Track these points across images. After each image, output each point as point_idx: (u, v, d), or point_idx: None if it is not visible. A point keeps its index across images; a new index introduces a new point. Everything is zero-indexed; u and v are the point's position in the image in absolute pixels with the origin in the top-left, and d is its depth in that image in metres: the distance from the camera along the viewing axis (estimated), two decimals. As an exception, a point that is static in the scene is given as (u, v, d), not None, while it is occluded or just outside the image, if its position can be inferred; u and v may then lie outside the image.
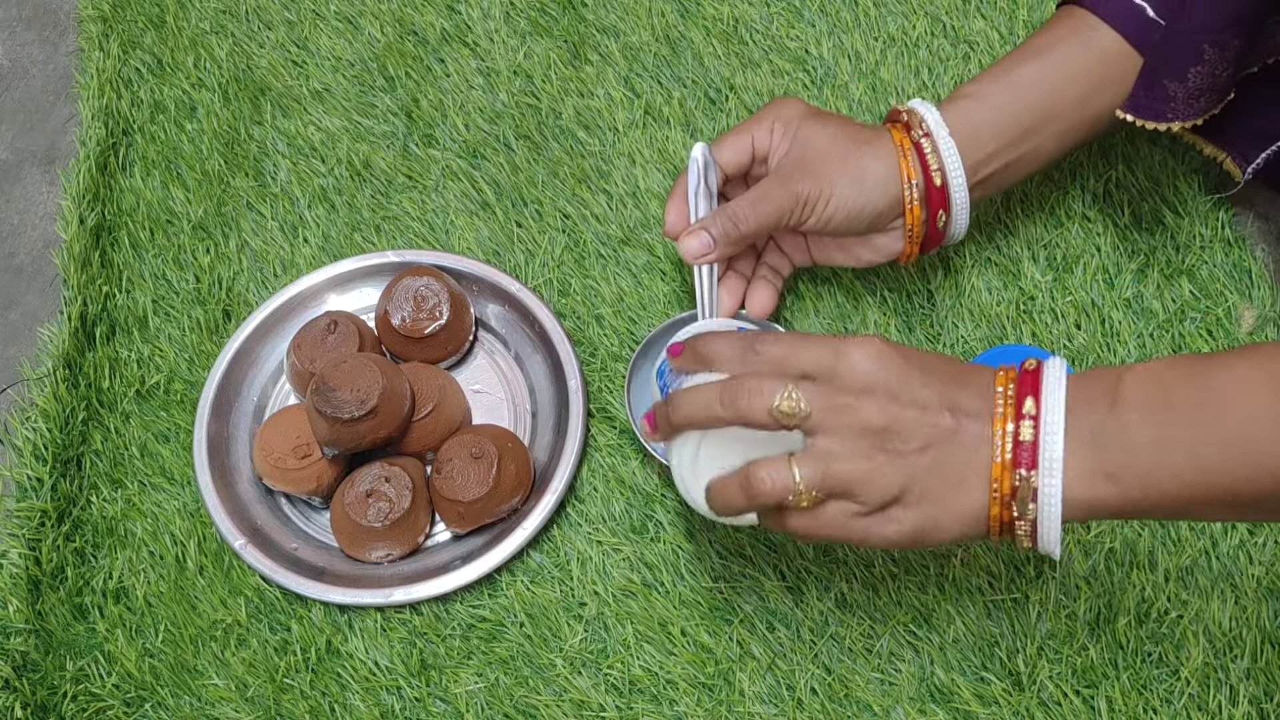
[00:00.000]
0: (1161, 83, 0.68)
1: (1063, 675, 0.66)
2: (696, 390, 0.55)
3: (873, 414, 0.52)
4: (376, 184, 0.87)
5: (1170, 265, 0.78)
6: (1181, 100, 0.68)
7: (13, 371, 0.83)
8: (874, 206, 0.68)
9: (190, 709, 0.68)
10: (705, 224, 0.68)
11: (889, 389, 0.52)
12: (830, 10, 0.92)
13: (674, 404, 0.56)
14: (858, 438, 0.52)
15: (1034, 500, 0.51)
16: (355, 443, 0.70)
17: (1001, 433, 0.52)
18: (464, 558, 0.70)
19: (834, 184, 0.67)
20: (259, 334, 0.79)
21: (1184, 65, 0.67)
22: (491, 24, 0.94)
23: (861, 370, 0.52)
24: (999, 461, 0.52)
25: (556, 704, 0.67)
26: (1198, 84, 0.67)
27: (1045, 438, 0.51)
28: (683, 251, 0.68)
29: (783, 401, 0.52)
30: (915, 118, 0.69)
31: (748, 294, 0.74)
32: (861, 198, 0.67)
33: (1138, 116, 0.69)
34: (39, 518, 0.72)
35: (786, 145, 0.69)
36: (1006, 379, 0.53)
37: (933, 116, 0.68)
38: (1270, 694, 0.64)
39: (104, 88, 0.91)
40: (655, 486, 0.73)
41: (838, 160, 0.67)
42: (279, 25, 0.95)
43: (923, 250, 0.71)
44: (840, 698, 0.66)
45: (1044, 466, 0.51)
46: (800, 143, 0.68)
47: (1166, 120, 0.69)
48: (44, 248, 0.89)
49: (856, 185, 0.67)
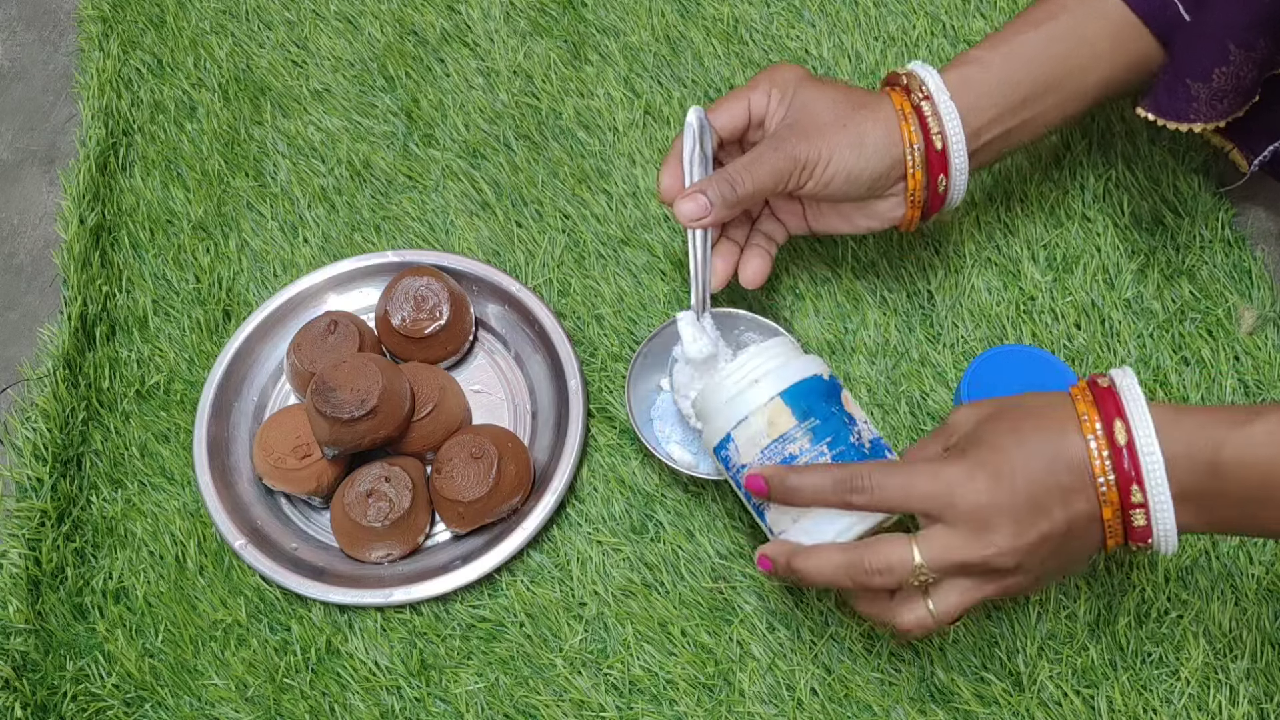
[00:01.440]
0: (1184, 82, 0.67)
1: (1063, 675, 0.66)
2: (823, 555, 0.57)
3: (996, 561, 0.55)
4: (376, 184, 0.87)
5: (1170, 265, 0.78)
6: (1204, 101, 0.67)
7: (13, 371, 0.83)
8: (873, 170, 0.67)
9: (190, 709, 0.68)
10: (701, 187, 0.67)
11: (1009, 520, 0.54)
12: (830, 10, 0.92)
13: (798, 566, 0.58)
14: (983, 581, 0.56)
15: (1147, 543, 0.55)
16: (355, 443, 0.70)
17: (1111, 517, 0.54)
18: (464, 558, 0.70)
19: (833, 147, 0.66)
20: (259, 334, 0.79)
21: (1209, 66, 0.66)
22: (491, 24, 0.94)
23: (975, 505, 0.54)
24: (1112, 541, 0.55)
25: (556, 704, 0.67)
26: (1222, 85, 0.67)
27: (1155, 513, 0.54)
28: (678, 214, 0.67)
29: (912, 578, 0.55)
30: (915, 80, 0.68)
31: (741, 262, 0.72)
32: (861, 160, 0.67)
33: (1159, 116, 0.69)
34: (39, 518, 0.72)
35: (784, 110, 0.68)
36: (1100, 456, 0.54)
37: (933, 79, 0.67)
38: (1270, 694, 0.64)
39: (104, 88, 0.91)
40: (655, 486, 0.73)
41: (837, 124, 0.67)
42: (279, 25, 0.95)
43: (923, 216, 0.70)
44: (840, 698, 0.66)
45: (1157, 535, 0.54)
46: (798, 106, 0.67)
47: (1189, 121, 0.68)
48: (44, 248, 0.89)
49: (856, 148, 0.66)
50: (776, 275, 0.80)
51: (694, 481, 0.73)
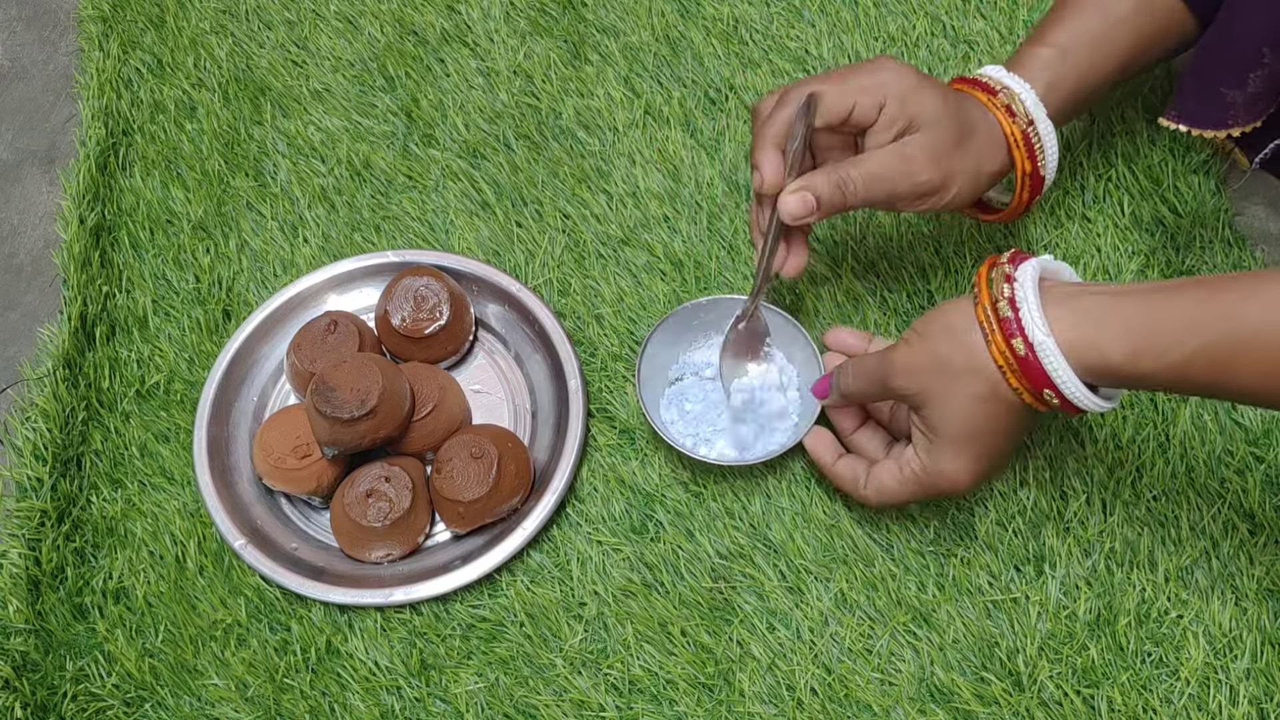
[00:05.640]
0: (1219, 91, 0.67)
1: (1063, 675, 0.66)
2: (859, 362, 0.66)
3: None
4: (376, 184, 0.87)
5: (1170, 265, 0.78)
6: (1242, 106, 0.67)
7: (13, 371, 0.83)
8: (978, 197, 0.68)
9: (190, 709, 0.68)
10: (811, 185, 0.64)
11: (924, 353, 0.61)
12: (830, 10, 0.92)
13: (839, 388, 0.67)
14: None
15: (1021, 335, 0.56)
16: (355, 443, 0.70)
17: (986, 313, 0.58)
18: (464, 558, 0.70)
19: (955, 177, 0.65)
20: (259, 334, 0.79)
21: (1243, 71, 0.66)
22: (491, 24, 0.94)
23: None
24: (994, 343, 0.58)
25: (556, 704, 0.67)
26: (1258, 88, 0.66)
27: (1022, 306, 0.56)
28: (782, 209, 0.65)
29: None
30: (1016, 101, 0.67)
31: (789, 254, 0.71)
32: (977, 192, 0.67)
33: (1195, 126, 0.68)
34: (39, 518, 0.72)
35: (902, 124, 0.65)
36: None
37: (1030, 99, 0.67)
38: (1270, 694, 0.64)
39: (104, 88, 0.91)
40: (655, 486, 0.73)
41: (958, 152, 0.65)
42: (279, 25, 0.95)
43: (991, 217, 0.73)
44: (840, 698, 0.66)
45: None
46: (919, 124, 0.65)
47: (1227, 127, 0.68)
48: (44, 248, 0.89)
49: (974, 179, 0.66)
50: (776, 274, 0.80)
51: (695, 480, 0.73)
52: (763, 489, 0.72)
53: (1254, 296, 0.52)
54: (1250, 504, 0.69)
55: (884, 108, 0.65)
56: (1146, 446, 0.72)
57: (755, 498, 0.72)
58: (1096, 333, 0.55)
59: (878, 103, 0.65)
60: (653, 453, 0.74)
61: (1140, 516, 0.70)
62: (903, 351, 0.61)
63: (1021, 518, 0.70)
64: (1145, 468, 0.71)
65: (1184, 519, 0.69)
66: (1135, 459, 0.71)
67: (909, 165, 0.64)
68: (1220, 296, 0.53)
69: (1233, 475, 0.70)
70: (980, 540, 0.70)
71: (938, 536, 0.70)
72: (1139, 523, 0.70)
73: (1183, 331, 0.53)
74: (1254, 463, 0.71)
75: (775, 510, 0.72)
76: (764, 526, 0.71)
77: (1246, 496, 0.69)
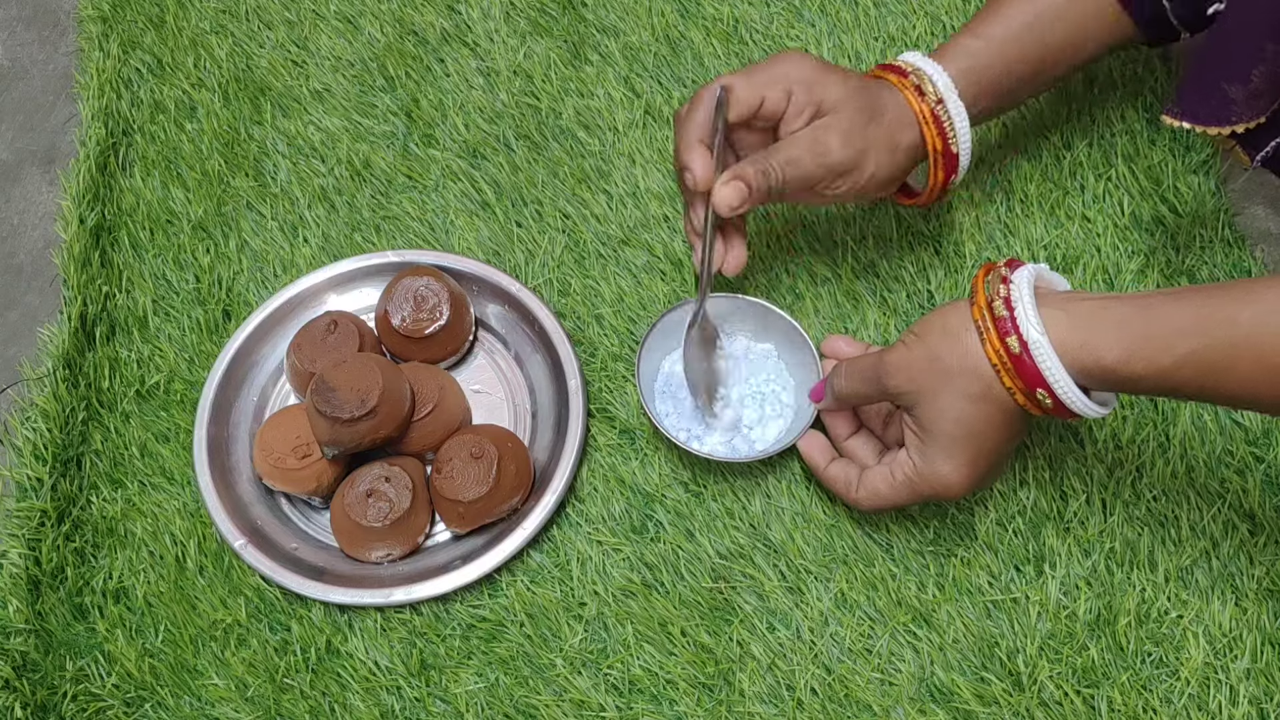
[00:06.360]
0: (1219, 86, 0.67)
1: (1063, 675, 0.66)
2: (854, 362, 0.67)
3: None
4: (376, 184, 0.87)
5: (1170, 265, 0.78)
6: (1243, 102, 0.67)
7: (13, 371, 0.83)
8: (902, 174, 0.68)
9: (190, 709, 0.68)
10: (740, 174, 0.65)
11: None
12: (830, 10, 0.92)
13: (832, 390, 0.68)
14: None
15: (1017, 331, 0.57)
16: (355, 443, 0.70)
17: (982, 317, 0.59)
18: (464, 558, 0.70)
19: (868, 155, 0.66)
20: (259, 334, 0.79)
21: (1245, 67, 0.66)
22: (491, 24, 0.94)
23: None
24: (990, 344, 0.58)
25: (556, 704, 0.67)
26: (1260, 84, 0.66)
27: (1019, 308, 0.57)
28: (718, 201, 0.66)
29: None
30: (926, 82, 0.68)
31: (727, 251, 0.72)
32: (894, 170, 0.68)
33: (1196, 123, 0.68)
34: (39, 518, 0.72)
35: (810, 110, 0.67)
36: None
37: (942, 80, 0.68)
38: (1270, 694, 0.64)
39: (104, 88, 0.91)
40: (655, 486, 0.73)
41: (869, 130, 0.66)
42: (279, 25, 0.95)
43: (910, 201, 0.73)
44: (840, 698, 0.66)
45: None
46: (827, 107, 0.66)
47: (1230, 124, 0.68)
48: (44, 248, 0.89)
49: (890, 158, 0.67)
50: (776, 275, 0.80)
51: (695, 480, 0.73)
52: (763, 489, 0.72)
53: (1247, 302, 0.52)
54: (1250, 504, 0.69)
55: (792, 96, 0.67)
56: (1146, 447, 0.72)
57: (755, 498, 0.72)
58: (1090, 333, 0.55)
59: (785, 92, 0.67)
60: (653, 453, 0.74)
61: (1140, 516, 0.70)
62: (898, 351, 0.61)
63: (1021, 518, 0.70)
64: (1145, 468, 0.71)
65: (1184, 519, 0.69)
66: (1135, 459, 0.71)
67: (821, 147, 0.66)
68: (1214, 302, 0.53)
69: (1233, 475, 0.70)
70: (980, 540, 0.70)
71: (938, 537, 0.70)
72: (1139, 523, 0.70)
73: (1176, 335, 0.53)
74: (1254, 463, 0.71)
75: (775, 510, 0.72)
76: (764, 526, 0.71)
77: (1246, 496, 0.70)
